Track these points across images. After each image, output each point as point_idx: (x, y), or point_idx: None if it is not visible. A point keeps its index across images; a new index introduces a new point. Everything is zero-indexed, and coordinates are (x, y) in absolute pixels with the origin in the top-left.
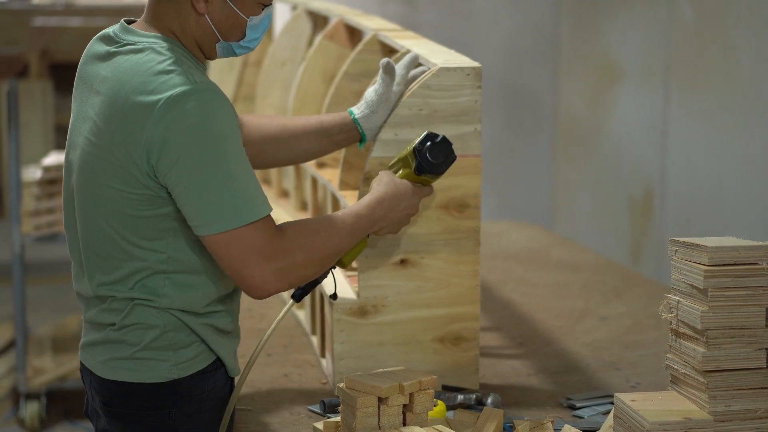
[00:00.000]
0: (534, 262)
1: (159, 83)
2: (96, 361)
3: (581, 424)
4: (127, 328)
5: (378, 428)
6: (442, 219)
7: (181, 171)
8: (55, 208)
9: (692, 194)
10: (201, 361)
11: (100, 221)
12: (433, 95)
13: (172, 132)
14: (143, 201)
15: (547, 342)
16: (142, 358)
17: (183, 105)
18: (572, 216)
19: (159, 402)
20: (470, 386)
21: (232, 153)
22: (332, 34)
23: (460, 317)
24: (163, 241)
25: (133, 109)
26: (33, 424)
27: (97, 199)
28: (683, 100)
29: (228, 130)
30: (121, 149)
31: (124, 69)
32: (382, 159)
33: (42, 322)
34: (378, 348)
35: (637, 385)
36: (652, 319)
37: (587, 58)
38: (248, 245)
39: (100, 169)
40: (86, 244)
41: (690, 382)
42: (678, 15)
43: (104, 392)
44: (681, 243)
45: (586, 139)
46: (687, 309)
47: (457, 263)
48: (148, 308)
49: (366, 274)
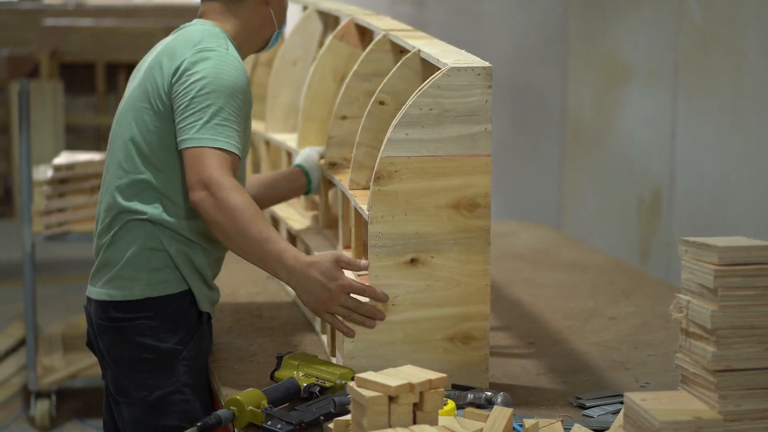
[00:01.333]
0: (542, 262)
1: (204, 39)
2: (94, 288)
3: (591, 424)
4: (114, 245)
5: (388, 427)
6: (453, 218)
7: (187, 91)
8: (65, 208)
9: (700, 195)
10: (173, 286)
11: (127, 137)
12: (444, 95)
13: (197, 65)
14: (157, 115)
15: (557, 342)
16: (122, 277)
17: (216, 54)
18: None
19: (135, 315)
20: (480, 385)
21: (233, 100)
22: (343, 33)
23: (470, 316)
24: (163, 160)
25: (177, 48)
26: (43, 422)
27: (128, 118)
28: (691, 100)
29: (239, 85)
30: (156, 74)
31: (178, 35)
32: (393, 159)
33: (52, 321)
34: (388, 347)
35: (647, 385)
36: (661, 319)
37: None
38: (203, 164)
39: (136, 94)
40: (111, 154)
41: (700, 381)
42: (686, 16)
43: (96, 312)
44: (691, 243)
45: (593, 140)
46: (697, 309)
47: (468, 263)
48: (135, 222)
49: (376, 272)
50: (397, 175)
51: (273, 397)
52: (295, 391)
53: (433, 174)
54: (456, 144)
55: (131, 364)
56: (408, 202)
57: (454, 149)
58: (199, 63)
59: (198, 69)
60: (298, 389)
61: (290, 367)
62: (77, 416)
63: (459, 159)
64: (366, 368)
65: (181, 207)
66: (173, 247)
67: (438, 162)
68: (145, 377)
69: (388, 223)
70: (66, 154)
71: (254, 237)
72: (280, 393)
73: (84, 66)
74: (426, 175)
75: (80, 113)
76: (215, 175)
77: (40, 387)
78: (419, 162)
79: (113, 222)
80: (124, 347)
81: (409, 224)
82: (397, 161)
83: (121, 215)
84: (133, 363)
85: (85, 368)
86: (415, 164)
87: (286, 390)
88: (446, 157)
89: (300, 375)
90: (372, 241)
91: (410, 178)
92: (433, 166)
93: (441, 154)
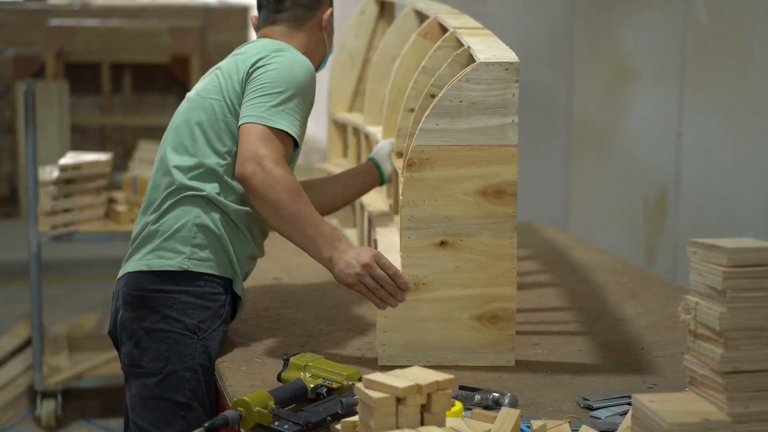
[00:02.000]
0: (549, 262)
1: (278, 45)
2: (129, 263)
3: (598, 425)
4: (164, 217)
5: (396, 428)
6: (481, 204)
7: (260, 77)
8: (71, 208)
9: (707, 195)
10: (211, 267)
11: (194, 121)
12: (472, 88)
13: (273, 58)
14: (228, 107)
15: (564, 343)
16: (165, 248)
17: (289, 53)
18: (586, 217)
19: (168, 288)
20: (506, 363)
21: (302, 93)
22: (426, 31)
23: (497, 297)
24: (228, 147)
25: (251, 51)
26: (49, 422)
27: (197, 106)
28: (698, 101)
29: (309, 82)
30: (232, 70)
31: (250, 45)
32: (424, 147)
33: (58, 321)
34: (419, 323)
35: (654, 387)
36: (669, 321)
37: (601, 59)
38: (263, 141)
39: (209, 89)
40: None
41: (708, 383)
42: (693, 16)
43: (129, 285)
44: (700, 244)
45: (600, 140)
46: (705, 310)
47: (495, 246)
48: (191, 197)
49: (408, 253)
50: (428, 163)
51: (280, 397)
52: (302, 392)
53: (462, 162)
54: (484, 134)
55: (152, 334)
56: (438, 188)
57: (482, 139)
58: (275, 57)
59: (273, 61)
60: (305, 390)
61: (297, 368)
62: (83, 416)
63: (487, 149)
64: (398, 342)
65: (238, 194)
66: (222, 230)
67: (466, 151)
68: (164, 349)
69: (419, 207)
70: (72, 155)
71: (308, 217)
72: (287, 394)
73: (89, 66)
74: (455, 163)
75: (86, 113)
76: (272, 154)
77: (46, 387)
78: (449, 151)
79: (167, 197)
80: (149, 319)
81: (439, 209)
82: (428, 149)
83: (177, 191)
84: (154, 334)
85: (91, 368)
86: (445, 153)
87: (293, 391)
88: (474, 147)
89: (307, 376)
90: (404, 224)
91: (440, 165)
92: (462, 154)
93: (469, 144)
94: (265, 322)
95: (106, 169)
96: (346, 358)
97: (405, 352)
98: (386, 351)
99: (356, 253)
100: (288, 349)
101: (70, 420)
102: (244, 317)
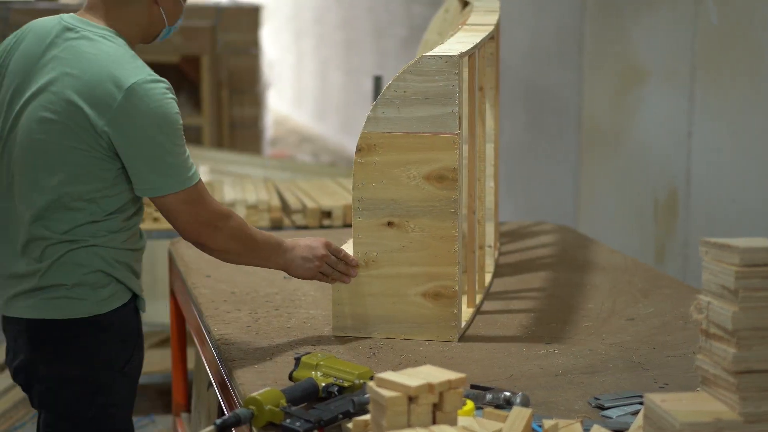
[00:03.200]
0: (559, 262)
1: (128, 69)
2: (25, 306)
3: (610, 424)
4: (51, 271)
5: (407, 427)
6: (423, 188)
7: (130, 135)
8: None
9: (717, 195)
10: (117, 299)
11: (48, 179)
12: (415, 79)
13: (135, 112)
14: (94, 158)
15: (575, 342)
16: (69, 297)
17: (147, 91)
18: (596, 217)
19: (81, 334)
20: (449, 339)
21: (175, 130)
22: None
23: (439, 276)
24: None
25: (104, 85)
26: None
27: (50, 159)
28: (708, 101)
29: (175, 112)
30: (85, 116)
31: (89, 54)
32: (371, 134)
33: None
34: (369, 298)
35: (666, 386)
36: (680, 320)
37: (611, 59)
38: (192, 204)
39: (59, 133)
40: (28, 200)
41: (720, 383)
42: (703, 16)
43: (31, 332)
44: (712, 244)
45: (610, 141)
46: (717, 310)
47: (437, 228)
48: (78, 250)
49: (359, 233)
50: (375, 149)
51: (291, 396)
52: (314, 390)
53: (406, 149)
54: (426, 123)
55: (70, 381)
56: (384, 172)
57: (425, 127)
58: (135, 103)
59: (136, 110)
60: (317, 389)
61: (308, 367)
62: None
63: (428, 136)
64: (350, 314)
65: (114, 223)
66: (113, 263)
67: (410, 138)
68: (82, 392)
69: (368, 189)
70: None
71: (262, 245)
72: (299, 392)
73: None
74: (400, 149)
75: None
76: (211, 212)
77: None
78: (394, 138)
79: (46, 251)
80: (64, 364)
81: (385, 191)
82: (374, 136)
83: (55, 246)
84: (71, 380)
85: None
86: (390, 139)
87: (304, 389)
88: (417, 134)
89: (318, 375)
90: (355, 205)
91: (386, 151)
92: (406, 141)
93: (412, 132)
94: (276, 321)
95: None
96: (357, 357)
97: (356, 323)
98: (339, 322)
99: (308, 247)
100: (299, 349)
101: None
102: (255, 316)
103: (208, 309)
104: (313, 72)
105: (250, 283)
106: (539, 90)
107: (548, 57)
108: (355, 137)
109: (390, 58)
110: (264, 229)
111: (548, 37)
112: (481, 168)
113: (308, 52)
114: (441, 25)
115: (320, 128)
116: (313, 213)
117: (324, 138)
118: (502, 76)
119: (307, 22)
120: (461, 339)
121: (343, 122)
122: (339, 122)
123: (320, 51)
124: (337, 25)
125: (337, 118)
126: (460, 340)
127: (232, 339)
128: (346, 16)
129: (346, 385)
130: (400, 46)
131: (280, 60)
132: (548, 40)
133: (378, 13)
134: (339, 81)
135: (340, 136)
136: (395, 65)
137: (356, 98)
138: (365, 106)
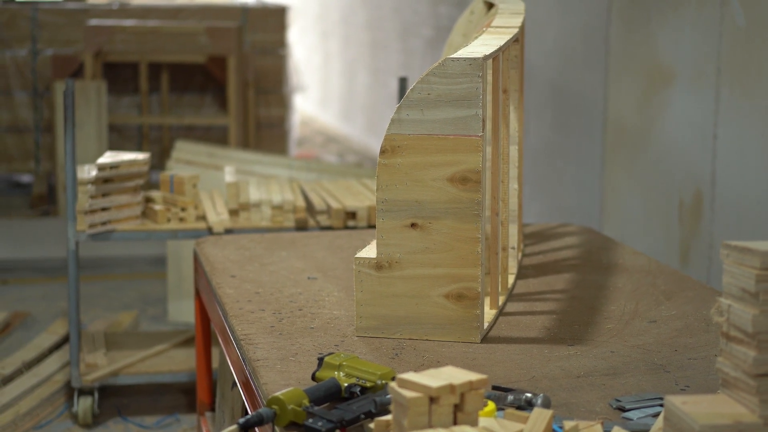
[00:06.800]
0: (583, 263)
1: None
2: None
3: (631, 426)
4: None
5: (429, 427)
6: (447, 190)
7: None
8: (109, 207)
9: (742, 198)
10: None
11: None
12: (439, 81)
13: None
14: None
15: (597, 344)
16: None
17: None
18: (621, 218)
19: None
20: (472, 340)
21: None
22: (472, 10)
23: (462, 278)
24: None
25: None
26: (86, 419)
27: None
28: (734, 103)
29: None
30: None
31: None
32: (395, 136)
33: (95, 318)
34: (392, 299)
35: (687, 389)
36: (703, 323)
37: (637, 61)
38: None
39: None
40: None
41: (741, 385)
42: (729, 18)
43: None
44: (733, 247)
45: (635, 142)
46: (738, 312)
47: (460, 230)
48: None
49: (382, 234)
50: (399, 150)
51: (314, 396)
52: (336, 390)
53: (430, 150)
54: (449, 125)
55: None
56: (408, 173)
57: (448, 129)
58: None
59: None
60: (339, 389)
61: (331, 367)
62: (119, 413)
63: (452, 138)
64: (373, 315)
65: None
66: None
67: (433, 140)
68: None
69: (392, 191)
70: (110, 154)
71: None
72: (321, 392)
73: (127, 66)
74: (423, 151)
75: (124, 113)
76: None
77: (83, 384)
78: (418, 140)
79: None
80: None
81: (409, 193)
82: (398, 138)
83: None
84: None
85: (128, 366)
86: (415, 141)
87: (327, 389)
88: (440, 137)
89: (341, 375)
90: (379, 206)
91: (410, 153)
92: (430, 143)
93: (436, 134)
94: (300, 321)
95: (143, 168)
96: (380, 358)
97: (380, 324)
98: (363, 323)
99: None
100: (322, 349)
101: (107, 417)
102: (279, 316)
103: (232, 309)
104: (340, 72)
105: (274, 283)
106: (565, 91)
107: (574, 58)
108: (381, 138)
109: (416, 58)
110: (289, 229)
111: (574, 39)
112: (504, 170)
113: (335, 52)
114: (466, 26)
115: (346, 129)
116: (337, 214)
117: (350, 138)
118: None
119: (334, 23)
120: (483, 340)
121: (369, 123)
122: (365, 123)
123: (347, 51)
124: (364, 26)
125: (362, 119)
126: (482, 342)
127: (255, 339)
128: (372, 16)
129: (368, 386)
130: (426, 46)
131: (307, 60)
132: (574, 41)
133: (404, 14)
134: (365, 81)
135: (365, 137)
136: (421, 65)
137: (382, 99)
138: (391, 106)
